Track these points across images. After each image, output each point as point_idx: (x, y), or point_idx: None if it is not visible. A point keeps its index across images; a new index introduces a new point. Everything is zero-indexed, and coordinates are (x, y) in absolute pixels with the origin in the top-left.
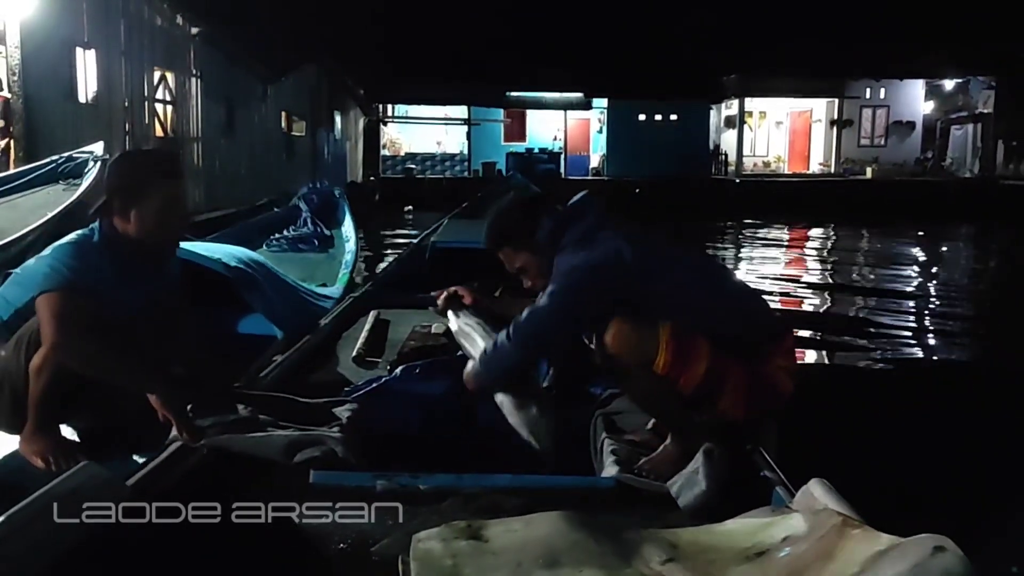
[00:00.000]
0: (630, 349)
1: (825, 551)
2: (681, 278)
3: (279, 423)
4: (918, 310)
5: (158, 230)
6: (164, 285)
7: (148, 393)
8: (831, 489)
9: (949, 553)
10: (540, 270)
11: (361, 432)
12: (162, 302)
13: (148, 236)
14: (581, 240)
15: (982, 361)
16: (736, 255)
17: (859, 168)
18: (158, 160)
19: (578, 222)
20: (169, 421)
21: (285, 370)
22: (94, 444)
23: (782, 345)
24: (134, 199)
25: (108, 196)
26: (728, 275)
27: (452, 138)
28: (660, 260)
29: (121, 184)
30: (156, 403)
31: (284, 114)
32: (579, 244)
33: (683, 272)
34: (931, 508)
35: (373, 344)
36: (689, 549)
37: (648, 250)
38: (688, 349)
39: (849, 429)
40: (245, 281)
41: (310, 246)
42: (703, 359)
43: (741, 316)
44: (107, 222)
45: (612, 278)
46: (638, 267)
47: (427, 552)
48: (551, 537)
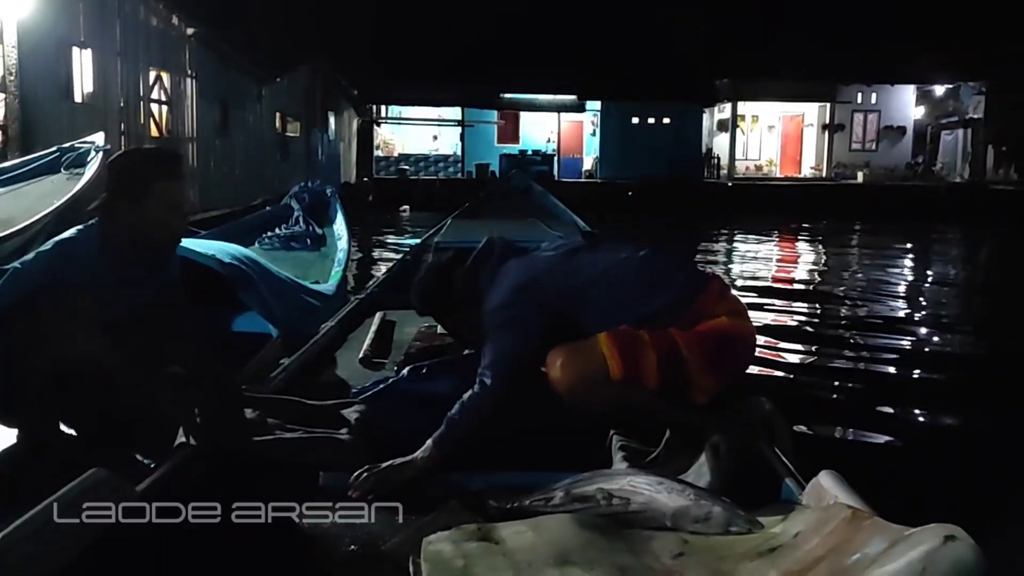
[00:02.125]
0: (578, 370)
1: (836, 544)
2: (596, 269)
3: (287, 426)
4: (911, 310)
5: (159, 228)
6: (164, 284)
7: (151, 392)
8: (841, 481)
9: (960, 542)
10: (472, 325)
11: (369, 433)
12: (163, 301)
13: (149, 234)
14: (493, 280)
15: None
16: (727, 256)
17: (850, 172)
18: (160, 158)
19: (484, 267)
20: (176, 421)
21: (292, 372)
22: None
23: (708, 295)
24: (136, 197)
25: (109, 193)
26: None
27: (445, 139)
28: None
29: (123, 181)
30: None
31: (278, 115)
32: (493, 284)
33: (597, 264)
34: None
35: (379, 345)
36: (699, 545)
37: (558, 256)
38: (631, 344)
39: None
40: (239, 278)
41: (302, 244)
42: (649, 345)
43: (663, 286)
44: (107, 219)
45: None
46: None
47: (438, 553)
48: (561, 538)
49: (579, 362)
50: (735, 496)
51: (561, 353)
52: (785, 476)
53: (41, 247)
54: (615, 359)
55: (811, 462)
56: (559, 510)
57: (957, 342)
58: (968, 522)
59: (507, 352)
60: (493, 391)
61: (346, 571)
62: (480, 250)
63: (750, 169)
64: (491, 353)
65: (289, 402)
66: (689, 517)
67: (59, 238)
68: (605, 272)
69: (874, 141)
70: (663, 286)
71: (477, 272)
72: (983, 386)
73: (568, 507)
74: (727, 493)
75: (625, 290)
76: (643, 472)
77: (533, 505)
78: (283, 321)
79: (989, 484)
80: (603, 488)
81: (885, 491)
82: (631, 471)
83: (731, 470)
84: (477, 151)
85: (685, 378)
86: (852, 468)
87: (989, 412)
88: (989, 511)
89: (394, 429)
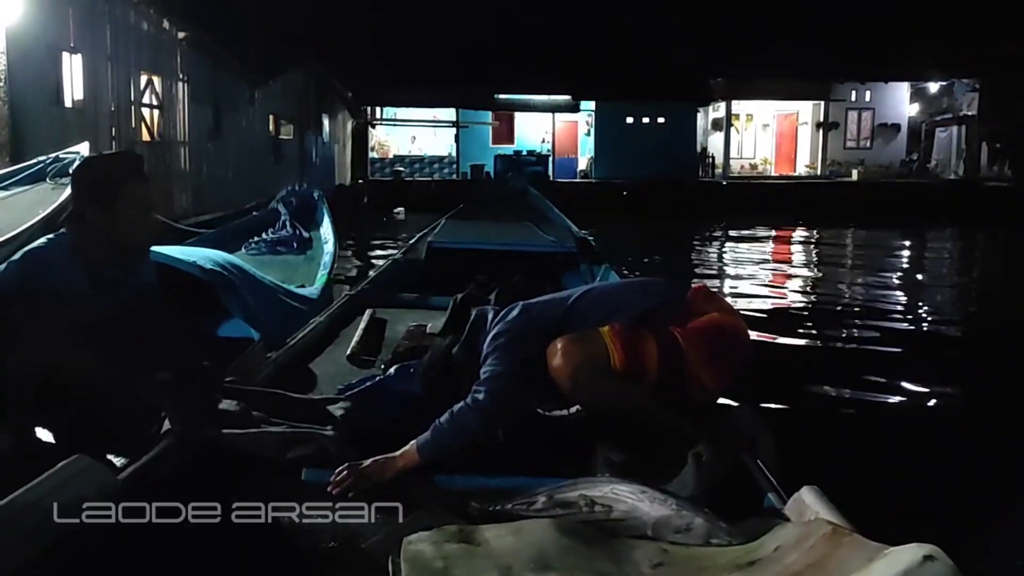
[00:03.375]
0: (582, 358)
1: (815, 560)
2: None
3: (271, 419)
4: (901, 318)
5: (131, 229)
6: (138, 288)
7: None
8: (822, 496)
9: (938, 562)
10: None
11: (354, 430)
12: (137, 305)
13: (122, 236)
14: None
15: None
16: (720, 256)
17: (845, 170)
18: (124, 161)
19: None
20: (160, 416)
21: (279, 367)
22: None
23: (697, 295)
24: (105, 201)
25: (77, 202)
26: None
27: (440, 140)
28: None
29: (91, 188)
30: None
31: (272, 117)
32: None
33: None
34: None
35: (368, 343)
36: (679, 555)
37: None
38: (633, 336)
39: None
40: (221, 283)
41: (289, 248)
42: (650, 338)
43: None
44: (77, 227)
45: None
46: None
47: (418, 554)
48: (542, 542)
49: (582, 351)
50: (717, 508)
51: (564, 342)
52: (767, 490)
53: (12, 257)
54: (617, 349)
55: (794, 476)
56: (541, 515)
57: (947, 355)
58: (946, 541)
59: (503, 371)
60: (484, 407)
61: (324, 570)
62: (472, 322)
63: (745, 168)
64: (487, 370)
65: (274, 395)
66: (670, 527)
67: (29, 247)
68: (599, 289)
69: (868, 139)
70: (654, 289)
71: (476, 341)
72: (968, 405)
73: (550, 512)
74: (709, 504)
75: (619, 296)
76: (626, 480)
77: (515, 509)
78: (266, 325)
79: (968, 503)
80: (586, 494)
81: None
82: (614, 479)
83: (714, 481)
84: (472, 152)
85: (685, 372)
86: (834, 483)
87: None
88: (968, 530)
89: (379, 427)
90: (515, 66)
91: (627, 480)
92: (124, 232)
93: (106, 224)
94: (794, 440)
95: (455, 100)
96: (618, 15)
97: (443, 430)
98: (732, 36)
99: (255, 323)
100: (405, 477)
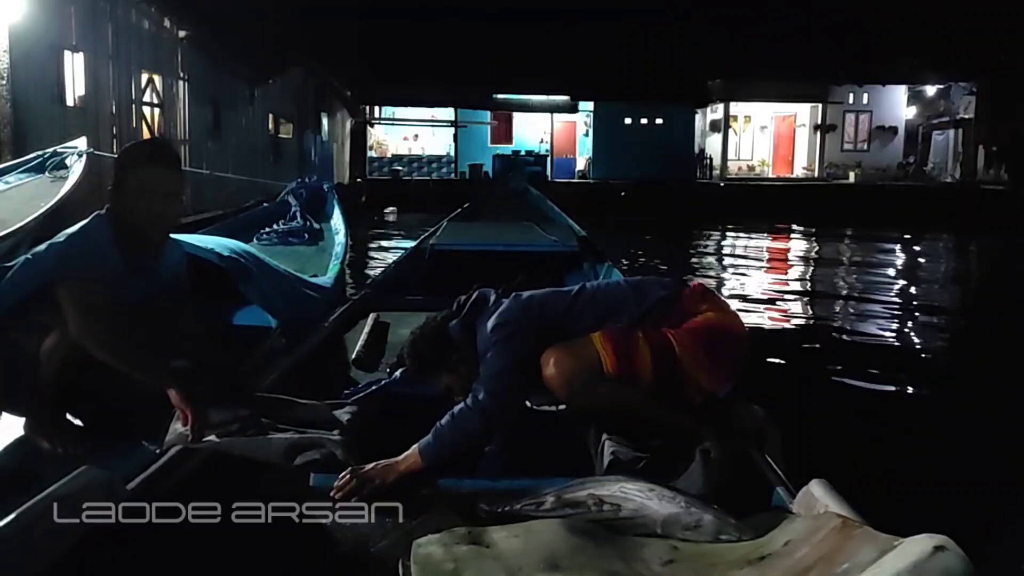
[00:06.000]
0: (574, 367)
1: (826, 553)
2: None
3: (278, 426)
4: (903, 309)
5: (153, 216)
6: (168, 275)
7: (161, 383)
8: (832, 489)
9: (950, 552)
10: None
11: (360, 435)
12: (166, 292)
13: (146, 222)
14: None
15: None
16: (718, 256)
17: (842, 172)
18: (155, 149)
19: (480, 315)
20: (173, 412)
21: (285, 372)
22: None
23: (692, 294)
24: (133, 185)
25: (113, 186)
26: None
27: (439, 140)
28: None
29: (122, 172)
30: (173, 394)
31: (271, 116)
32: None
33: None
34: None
35: (372, 347)
36: (689, 552)
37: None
38: (625, 341)
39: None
40: (239, 271)
41: (300, 239)
42: (642, 342)
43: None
44: (113, 210)
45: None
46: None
47: (427, 556)
48: (551, 542)
49: (573, 359)
50: (726, 503)
51: (555, 351)
52: (776, 484)
53: (53, 239)
54: (609, 355)
55: (802, 470)
56: (550, 515)
57: (950, 349)
58: (957, 532)
59: (502, 369)
60: (484, 407)
61: (335, 573)
62: (473, 300)
63: (742, 169)
64: (487, 369)
65: (281, 401)
66: (679, 524)
67: (71, 230)
68: (595, 288)
69: (866, 141)
70: (648, 290)
71: (474, 321)
72: (975, 396)
73: (559, 512)
74: (718, 500)
75: (616, 296)
76: (634, 478)
77: (524, 509)
78: (283, 312)
79: (979, 494)
80: (594, 494)
81: (876, 500)
82: (622, 477)
83: (722, 477)
84: (471, 152)
85: (680, 374)
86: (843, 476)
87: (979, 423)
88: (979, 521)
89: (385, 431)
90: (514, 66)
91: (635, 478)
92: (147, 217)
93: (134, 208)
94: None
95: (454, 100)
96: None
97: (444, 432)
98: (730, 38)
99: (272, 310)
100: (408, 480)
